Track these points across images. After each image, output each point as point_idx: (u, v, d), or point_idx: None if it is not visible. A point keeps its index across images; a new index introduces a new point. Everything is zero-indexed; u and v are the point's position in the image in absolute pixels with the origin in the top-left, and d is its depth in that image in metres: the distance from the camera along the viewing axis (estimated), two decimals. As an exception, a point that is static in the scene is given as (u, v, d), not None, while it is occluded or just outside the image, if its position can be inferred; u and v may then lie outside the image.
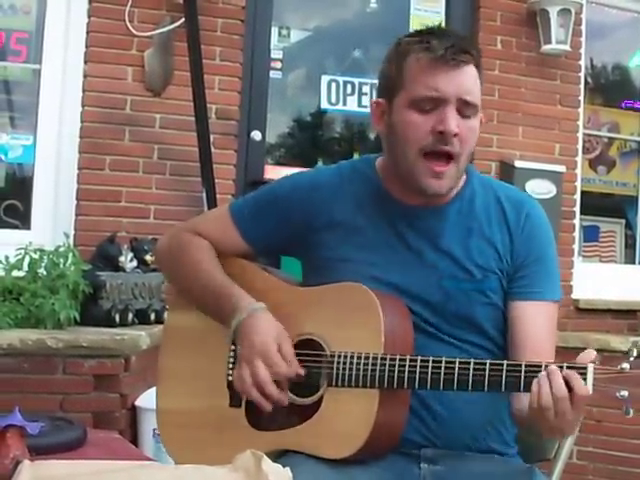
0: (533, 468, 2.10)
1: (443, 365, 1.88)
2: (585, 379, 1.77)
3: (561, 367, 1.79)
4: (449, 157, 1.99)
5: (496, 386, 1.85)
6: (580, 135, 5.48)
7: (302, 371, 1.99)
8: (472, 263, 2.06)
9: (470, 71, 2.00)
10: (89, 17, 4.47)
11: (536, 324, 2.07)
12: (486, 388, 1.86)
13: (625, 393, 1.75)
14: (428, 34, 2.02)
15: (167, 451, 2.18)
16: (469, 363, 1.87)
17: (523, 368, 1.83)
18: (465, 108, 1.98)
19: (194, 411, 2.13)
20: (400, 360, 1.91)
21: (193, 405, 2.14)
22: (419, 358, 1.90)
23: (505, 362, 1.86)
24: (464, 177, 2.13)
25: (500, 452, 2.10)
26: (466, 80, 1.98)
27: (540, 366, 1.82)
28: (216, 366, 2.11)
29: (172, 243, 2.25)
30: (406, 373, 1.90)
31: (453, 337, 2.05)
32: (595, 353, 1.83)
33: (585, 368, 1.78)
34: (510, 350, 2.08)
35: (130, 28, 4.48)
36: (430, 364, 1.89)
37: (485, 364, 1.86)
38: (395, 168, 2.06)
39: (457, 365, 1.87)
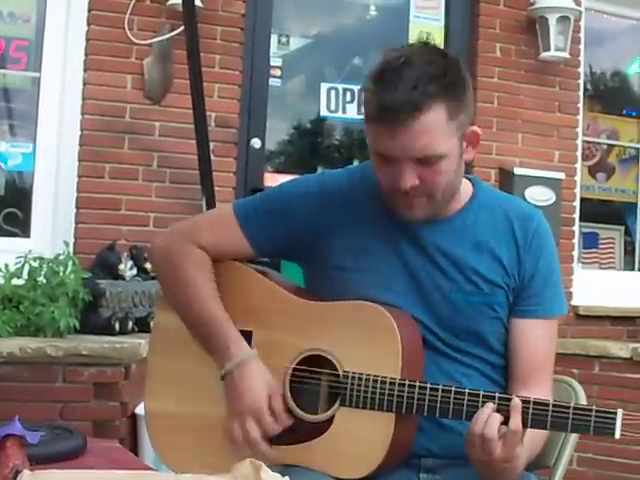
0: (531, 475, 2.09)
1: (466, 397, 1.88)
2: (614, 425, 1.79)
3: (591, 409, 1.81)
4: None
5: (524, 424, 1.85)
6: (579, 142, 5.48)
7: (290, 422, 1.98)
8: (480, 277, 2.05)
9: (421, 124, 1.86)
10: (88, 25, 4.47)
11: (538, 343, 2.08)
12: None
13: None
14: (381, 75, 1.91)
15: (160, 458, 2.16)
16: (494, 397, 1.87)
17: (571, 411, 1.83)
18: (425, 160, 1.91)
19: (189, 417, 2.11)
20: (420, 387, 1.91)
21: (188, 411, 2.11)
22: (441, 387, 1.90)
23: (532, 398, 1.86)
24: (471, 190, 2.12)
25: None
26: (413, 139, 1.88)
27: (590, 409, 1.82)
28: (213, 372, 2.07)
29: (169, 250, 2.16)
30: (427, 402, 1.90)
31: (459, 350, 2.05)
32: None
33: (614, 413, 1.79)
34: (510, 364, 2.09)
35: (130, 36, 4.48)
36: (452, 394, 1.89)
37: (510, 399, 1.86)
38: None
39: (481, 398, 1.87)
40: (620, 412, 1.79)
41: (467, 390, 1.89)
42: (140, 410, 3.62)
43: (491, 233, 2.08)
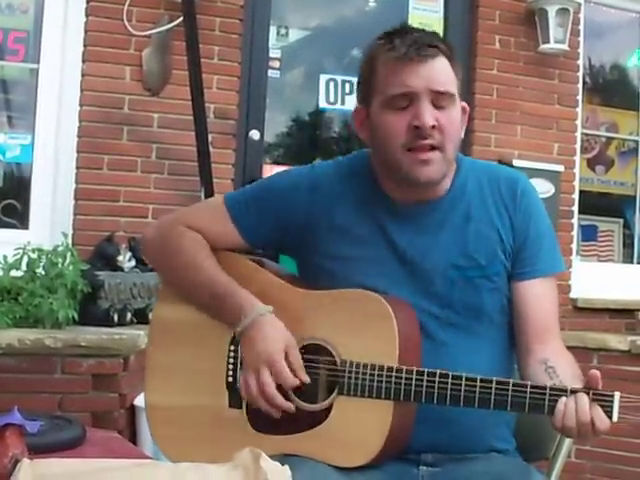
0: (530, 467, 2.10)
1: (463, 382, 1.88)
2: (612, 407, 1.79)
3: (587, 394, 1.81)
4: (432, 148, 1.99)
5: (519, 407, 1.85)
6: (578, 134, 5.48)
7: (308, 379, 1.98)
8: (475, 250, 2.06)
9: (438, 63, 1.99)
10: (87, 16, 4.46)
11: (542, 301, 2.09)
12: (509, 408, 1.86)
13: None
14: (391, 34, 2.04)
15: (162, 451, 2.16)
16: (491, 382, 1.87)
17: (548, 391, 1.83)
18: (439, 99, 1.99)
19: (189, 409, 2.11)
20: (417, 374, 1.91)
21: (187, 402, 2.12)
22: (438, 372, 1.90)
23: (529, 383, 1.86)
24: (454, 166, 2.13)
25: (499, 450, 2.11)
26: (434, 72, 1.99)
27: (565, 390, 1.83)
28: (211, 363, 2.09)
29: (163, 235, 2.19)
30: (424, 388, 1.90)
31: (460, 327, 2.06)
32: (598, 373, 1.84)
33: (612, 396, 1.79)
34: (517, 330, 2.09)
35: (128, 27, 4.48)
36: (450, 380, 1.89)
37: (508, 383, 1.86)
38: (385, 167, 2.07)
39: (478, 383, 1.87)
40: (617, 394, 1.80)
41: (464, 375, 1.89)
42: (139, 401, 3.62)
43: (480, 202, 2.10)
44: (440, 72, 1.99)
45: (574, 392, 1.82)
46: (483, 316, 2.07)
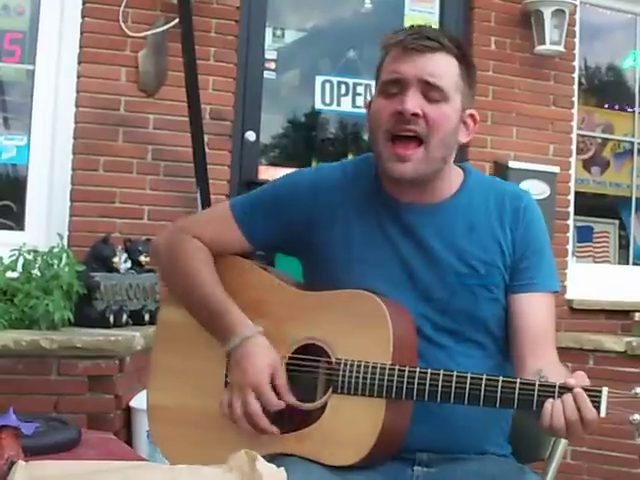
0: (525, 468, 2.10)
1: (454, 379, 1.89)
2: (599, 403, 1.79)
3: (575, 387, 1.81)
4: (416, 140, 2.00)
5: (508, 403, 1.85)
6: (574, 136, 5.49)
7: (293, 400, 2.00)
8: (475, 258, 2.06)
9: (438, 57, 2.00)
10: (83, 17, 4.46)
11: (538, 315, 2.09)
12: (498, 404, 1.86)
13: (638, 417, 1.77)
14: (402, 30, 2.07)
15: (159, 449, 2.18)
16: (481, 378, 1.87)
17: (537, 387, 1.83)
18: (431, 92, 1.99)
19: (188, 409, 2.13)
20: (409, 372, 1.92)
21: (187, 403, 2.13)
22: (429, 370, 1.91)
23: (518, 379, 1.87)
24: (462, 176, 2.14)
25: (494, 453, 2.11)
26: (429, 64, 2.00)
27: (554, 386, 1.83)
28: (211, 364, 2.10)
29: (169, 244, 2.22)
30: (415, 385, 1.91)
31: (457, 334, 2.06)
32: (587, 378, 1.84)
33: (600, 392, 1.79)
34: (512, 342, 2.09)
35: (124, 29, 4.47)
36: (441, 377, 1.90)
37: (497, 380, 1.86)
38: (375, 158, 2.09)
39: (469, 380, 1.88)
40: (605, 389, 1.80)
41: (455, 372, 1.90)
42: (135, 403, 3.62)
43: (484, 213, 2.10)
44: (436, 66, 2.00)
45: (562, 387, 1.82)
46: (480, 325, 2.08)
